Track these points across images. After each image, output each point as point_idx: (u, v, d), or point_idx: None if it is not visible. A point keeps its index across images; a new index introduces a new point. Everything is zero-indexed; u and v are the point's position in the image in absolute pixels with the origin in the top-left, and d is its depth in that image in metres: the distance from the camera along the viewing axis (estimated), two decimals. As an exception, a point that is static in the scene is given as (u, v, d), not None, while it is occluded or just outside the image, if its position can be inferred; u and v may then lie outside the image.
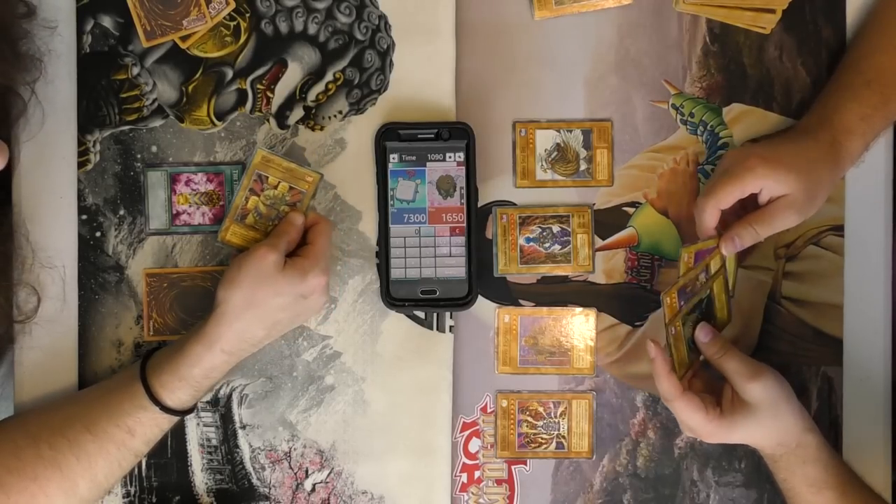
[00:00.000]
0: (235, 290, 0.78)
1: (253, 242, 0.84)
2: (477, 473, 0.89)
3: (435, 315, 0.88)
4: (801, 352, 0.88)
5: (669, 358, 0.78)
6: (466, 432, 0.89)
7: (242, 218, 0.85)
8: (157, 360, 0.80)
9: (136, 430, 0.79)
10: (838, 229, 0.88)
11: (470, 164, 0.86)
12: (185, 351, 0.79)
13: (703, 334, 0.80)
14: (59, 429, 0.78)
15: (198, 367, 0.79)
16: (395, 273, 0.86)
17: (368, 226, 0.88)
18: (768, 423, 0.77)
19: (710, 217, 0.79)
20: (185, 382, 0.79)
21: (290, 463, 0.88)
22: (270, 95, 0.88)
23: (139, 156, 0.88)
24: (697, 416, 0.77)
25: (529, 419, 0.89)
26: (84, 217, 0.87)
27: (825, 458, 0.79)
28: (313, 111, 0.88)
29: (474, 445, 0.89)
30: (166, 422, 0.80)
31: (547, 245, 0.88)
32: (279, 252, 0.80)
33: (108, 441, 0.78)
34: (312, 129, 0.88)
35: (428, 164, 0.86)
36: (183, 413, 0.81)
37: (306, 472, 0.88)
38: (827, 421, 0.88)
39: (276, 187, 0.84)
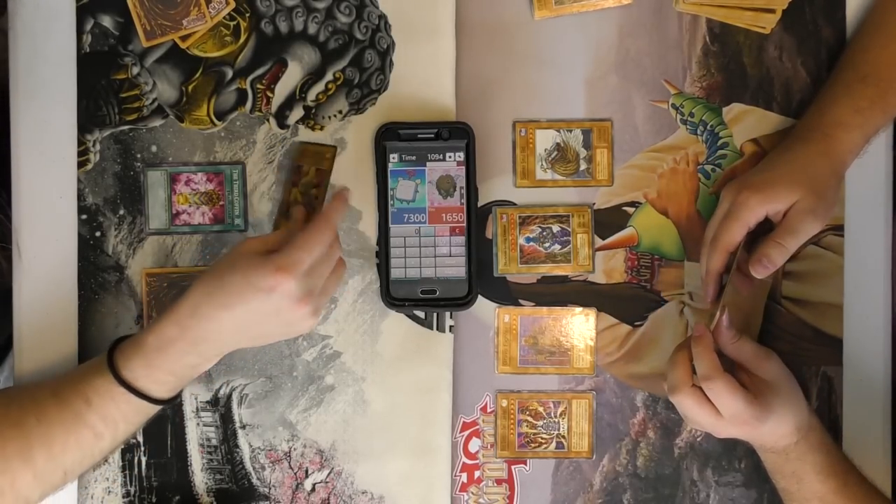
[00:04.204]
0: (211, 268, 0.76)
1: None
2: (477, 473, 0.89)
3: (435, 315, 0.88)
4: (801, 352, 0.88)
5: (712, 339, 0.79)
6: (466, 432, 0.89)
7: (287, 211, 0.87)
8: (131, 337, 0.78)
9: (93, 400, 0.75)
10: (838, 229, 0.88)
11: (470, 164, 0.86)
12: (152, 322, 0.77)
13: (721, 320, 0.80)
14: (31, 392, 0.78)
15: (152, 335, 0.75)
16: (395, 273, 0.86)
17: (368, 225, 0.88)
18: (792, 400, 0.78)
19: (718, 262, 0.81)
20: (139, 351, 0.75)
21: (290, 463, 0.88)
22: (270, 95, 0.88)
23: (139, 155, 0.88)
24: (739, 397, 0.75)
25: (529, 419, 0.89)
26: (84, 217, 0.87)
27: (829, 444, 0.80)
28: (313, 111, 0.88)
29: (474, 445, 0.89)
30: (121, 397, 0.75)
31: (547, 245, 0.88)
32: (262, 241, 0.76)
33: (67, 408, 0.76)
34: (312, 128, 0.88)
35: (428, 163, 0.86)
36: (137, 393, 0.76)
37: (306, 471, 0.88)
38: (827, 421, 0.88)
39: (307, 174, 0.87)
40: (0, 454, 0.75)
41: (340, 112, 0.88)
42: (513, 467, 0.89)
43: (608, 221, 0.89)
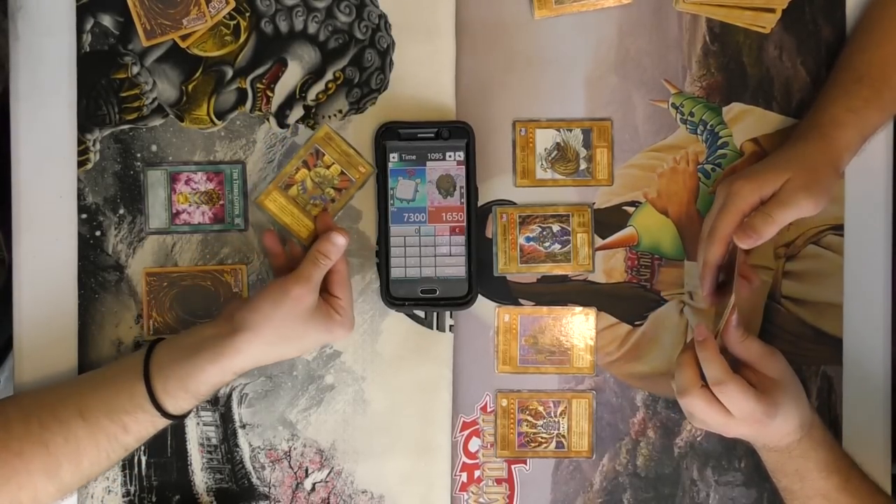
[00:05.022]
0: (264, 325, 0.77)
1: (287, 215, 0.86)
2: (477, 473, 0.89)
3: (435, 314, 0.88)
4: (800, 351, 0.88)
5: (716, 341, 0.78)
6: (466, 431, 0.89)
7: (287, 187, 0.85)
8: (162, 360, 0.78)
9: (131, 428, 0.77)
10: (838, 229, 0.88)
11: (470, 164, 0.86)
12: (196, 365, 0.77)
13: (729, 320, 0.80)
14: (52, 408, 0.77)
15: (206, 384, 0.77)
16: (395, 272, 0.86)
17: (368, 225, 0.88)
18: (796, 396, 0.78)
19: (715, 253, 0.80)
20: (190, 394, 0.78)
21: (289, 462, 0.88)
22: (270, 94, 0.88)
23: (139, 155, 0.88)
24: (751, 397, 0.75)
25: (529, 418, 0.89)
26: (84, 216, 0.87)
27: (830, 441, 0.80)
28: (313, 110, 0.88)
29: (474, 445, 0.89)
30: (163, 424, 0.79)
31: (547, 244, 0.88)
32: (315, 292, 0.79)
33: (100, 431, 0.77)
34: (312, 128, 0.88)
35: (428, 163, 0.86)
36: (182, 418, 0.80)
37: (306, 471, 0.88)
38: (827, 421, 0.88)
39: (329, 167, 0.85)
40: (24, 470, 0.75)
41: (340, 111, 0.88)
42: (513, 467, 0.89)
43: (608, 221, 0.89)
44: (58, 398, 0.79)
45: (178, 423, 0.83)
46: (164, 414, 0.78)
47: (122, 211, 0.87)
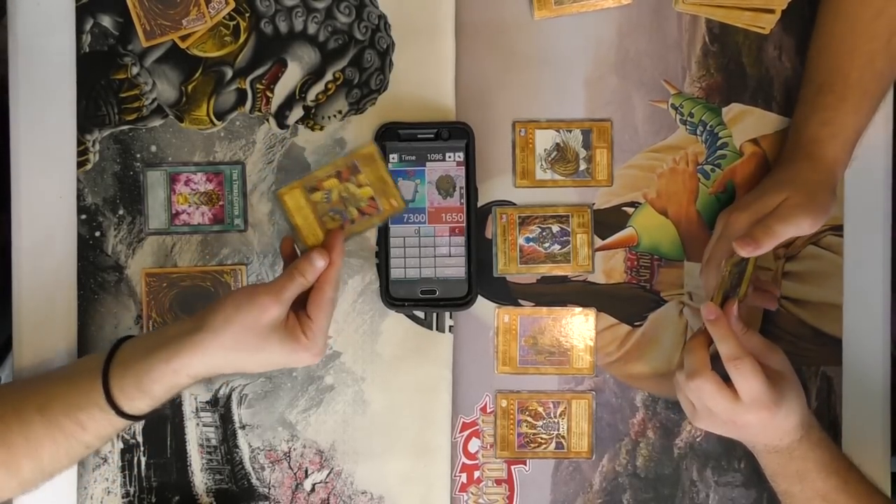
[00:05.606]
0: (223, 328, 0.73)
1: (301, 217, 0.77)
2: (476, 473, 0.89)
3: (434, 315, 0.88)
4: (800, 352, 0.88)
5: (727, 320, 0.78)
6: (466, 432, 0.89)
7: (312, 190, 0.78)
8: (124, 358, 0.76)
9: (88, 426, 0.75)
10: (837, 229, 0.88)
11: (469, 164, 0.86)
12: (151, 365, 0.74)
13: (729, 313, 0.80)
14: (13, 405, 0.76)
15: (160, 385, 0.74)
16: (395, 273, 0.86)
17: (368, 226, 0.88)
18: (798, 392, 0.78)
19: (714, 280, 0.80)
20: (145, 394, 0.75)
21: (289, 463, 0.88)
22: (270, 95, 0.88)
23: (138, 155, 0.88)
24: (762, 378, 0.75)
25: (529, 419, 0.89)
26: (83, 217, 0.87)
27: (828, 441, 0.80)
28: (313, 111, 0.88)
29: (474, 445, 0.89)
30: (121, 423, 0.76)
31: (546, 245, 0.88)
32: (283, 306, 0.73)
33: (58, 429, 0.75)
34: (312, 128, 0.88)
35: (427, 163, 0.86)
36: (139, 419, 0.77)
37: (306, 472, 0.88)
38: (826, 421, 0.88)
39: (360, 187, 0.78)
40: None
41: (340, 112, 0.88)
42: (512, 467, 0.89)
43: (608, 221, 0.89)
44: (21, 395, 0.78)
45: (137, 422, 0.82)
46: (120, 413, 0.75)
47: (121, 211, 0.87)
